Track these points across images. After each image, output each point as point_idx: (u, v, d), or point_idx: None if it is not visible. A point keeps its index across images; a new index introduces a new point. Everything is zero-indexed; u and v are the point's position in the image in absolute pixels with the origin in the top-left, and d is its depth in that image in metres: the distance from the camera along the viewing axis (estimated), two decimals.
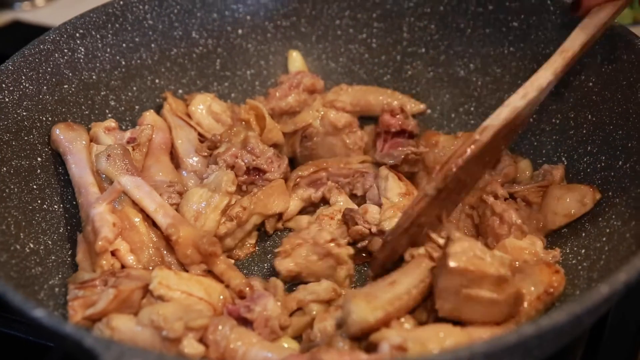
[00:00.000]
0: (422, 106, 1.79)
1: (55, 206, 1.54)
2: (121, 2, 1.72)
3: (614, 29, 1.52)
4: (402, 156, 1.60)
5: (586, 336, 1.41)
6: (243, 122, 1.66)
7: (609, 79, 1.54)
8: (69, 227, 1.53)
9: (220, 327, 1.29)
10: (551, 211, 1.49)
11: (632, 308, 1.46)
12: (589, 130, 1.57)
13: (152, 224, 1.47)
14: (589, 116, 1.58)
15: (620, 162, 1.47)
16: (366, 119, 1.77)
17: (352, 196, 1.64)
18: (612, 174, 1.48)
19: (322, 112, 1.68)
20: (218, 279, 1.43)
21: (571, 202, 1.47)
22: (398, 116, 1.67)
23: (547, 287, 1.32)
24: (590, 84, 1.58)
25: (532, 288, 1.31)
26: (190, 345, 1.25)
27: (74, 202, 1.54)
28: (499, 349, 0.99)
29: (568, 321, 1.01)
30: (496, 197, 1.52)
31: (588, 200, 1.45)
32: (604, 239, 1.38)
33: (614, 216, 1.42)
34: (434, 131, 1.74)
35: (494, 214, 1.49)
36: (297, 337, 1.39)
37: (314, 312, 1.41)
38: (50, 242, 1.49)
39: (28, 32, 2.12)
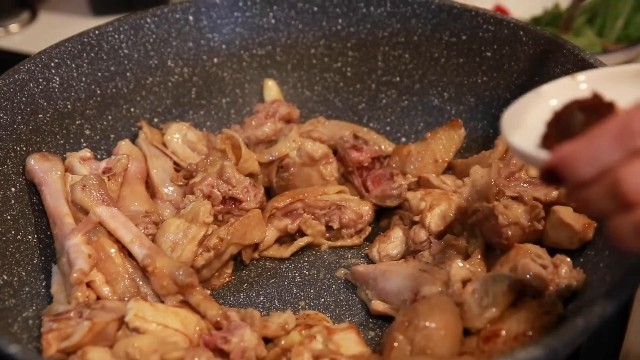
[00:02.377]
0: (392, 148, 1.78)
1: (30, 237, 1.53)
2: (96, 32, 1.72)
3: (585, 60, 1.54)
4: (403, 193, 1.62)
5: None
6: (219, 152, 1.66)
7: None
8: (43, 258, 1.52)
9: (196, 359, 1.28)
10: (545, 231, 1.48)
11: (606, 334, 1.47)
12: None
13: (128, 254, 1.47)
14: None
15: None
16: None
17: (328, 228, 1.64)
18: None
19: (298, 143, 1.69)
20: (194, 309, 1.42)
21: (561, 236, 1.45)
22: (364, 149, 1.68)
23: (528, 328, 1.27)
24: None
25: (513, 326, 1.29)
26: None
27: (49, 233, 1.53)
28: None
29: (545, 355, 1.02)
30: (500, 194, 1.51)
31: (575, 241, 1.44)
32: (578, 268, 1.39)
33: (587, 245, 1.43)
34: (402, 144, 1.76)
35: (497, 216, 1.46)
36: None
37: (283, 343, 1.40)
38: (24, 274, 1.47)
39: (2, 59, 2.11)
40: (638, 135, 0.92)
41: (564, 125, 1.04)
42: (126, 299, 1.42)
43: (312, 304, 1.53)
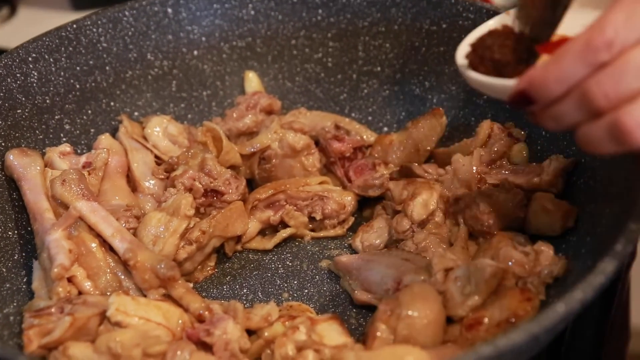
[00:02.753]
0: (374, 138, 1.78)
1: (10, 233, 1.52)
2: (74, 26, 1.71)
3: None
4: (385, 183, 1.62)
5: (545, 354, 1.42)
6: (200, 144, 1.65)
7: None
8: (24, 254, 1.51)
9: (179, 353, 1.27)
10: (526, 218, 1.48)
11: (589, 322, 1.48)
12: (543, 146, 1.59)
13: (109, 249, 1.46)
14: (543, 132, 1.59)
15: (574, 178, 1.49)
16: None
17: (311, 219, 1.64)
18: (567, 189, 1.49)
19: (280, 134, 1.68)
20: (177, 303, 1.41)
21: (543, 223, 1.45)
22: (346, 139, 1.68)
23: (511, 315, 1.27)
24: None
25: (496, 313, 1.28)
26: None
27: (29, 229, 1.52)
28: None
29: (525, 341, 1.02)
30: (482, 182, 1.52)
31: (556, 228, 1.43)
32: (560, 254, 1.39)
33: (569, 231, 1.43)
34: (384, 134, 1.76)
35: (479, 204, 1.47)
36: None
37: (266, 334, 1.40)
38: (4, 270, 1.46)
39: None
40: (599, 50, 1.01)
41: (480, 51, 1.23)
42: (108, 293, 1.41)
43: (295, 295, 1.53)
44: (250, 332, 1.40)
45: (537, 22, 1.22)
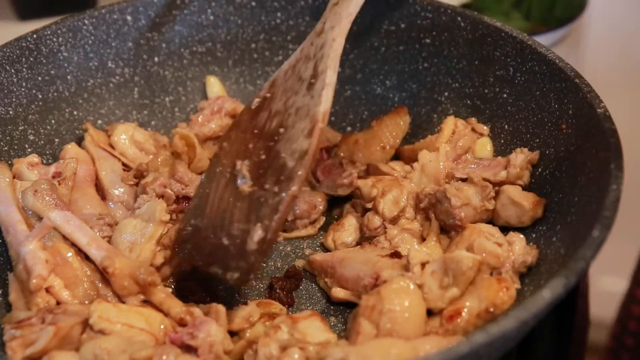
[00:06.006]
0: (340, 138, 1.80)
1: None
2: (34, 36, 1.69)
3: (524, 42, 1.59)
4: (354, 182, 1.63)
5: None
6: (171, 152, 1.65)
7: (523, 90, 1.60)
8: None
9: (164, 357, 1.27)
10: (495, 211, 1.52)
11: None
12: (506, 140, 1.63)
13: (85, 257, 1.45)
14: (506, 126, 1.64)
15: (539, 169, 1.53)
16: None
17: None
18: (533, 181, 1.54)
19: None
20: (157, 308, 1.41)
21: (511, 214, 1.49)
22: None
23: (489, 305, 1.30)
24: (505, 95, 1.64)
25: (475, 304, 1.31)
26: None
27: (1, 241, 1.51)
28: (453, 358, 1.02)
29: (516, 327, 1.05)
30: (449, 177, 1.56)
31: (525, 219, 1.48)
32: (531, 243, 1.43)
33: (538, 221, 1.47)
34: (348, 134, 1.79)
35: (449, 198, 1.50)
36: None
37: (248, 335, 1.41)
38: None
39: None
40: None
41: None
42: (86, 302, 1.41)
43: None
44: (231, 334, 1.41)
45: None
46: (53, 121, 1.73)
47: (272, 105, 1.52)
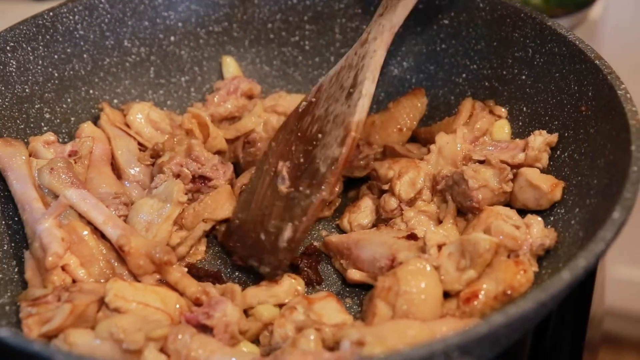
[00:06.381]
0: None
1: None
2: (51, 14, 1.69)
3: (543, 23, 1.57)
4: (370, 163, 1.63)
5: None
6: (183, 130, 1.65)
7: (542, 72, 1.59)
8: (13, 244, 1.49)
9: (180, 336, 1.27)
10: (513, 193, 1.50)
11: (573, 302, 1.51)
12: (524, 122, 1.62)
13: (101, 236, 1.45)
14: (524, 108, 1.62)
15: (558, 152, 1.52)
16: None
17: None
18: (551, 163, 1.52)
19: (264, 118, 1.69)
20: (172, 288, 1.41)
21: (529, 197, 1.48)
22: None
23: (507, 287, 1.29)
24: (524, 77, 1.63)
25: (492, 286, 1.30)
26: (152, 356, 1.24)
27: (17, 219, 1.50)
28: (471, 339, 1.01)
29: (534, 309, 1.04)
30: (467, 159, 1.55)
31: (543, 202, 1.46)
32: (549, 226, 1.42)
33: (556, 204, 1.46)
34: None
35: (467, 180, 1.49)
36: (253, 341, 1.40)
37: (264, 316, 1.41)
38: None
39: None
40: None
41: None
42: (102, 280, 1.41)
43: None
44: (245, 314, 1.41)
45: None
46: (69, 100, 1.72)
47: (315, 110, 1.55)
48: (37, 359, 1.04)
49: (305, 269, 1.52)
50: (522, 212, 1.47)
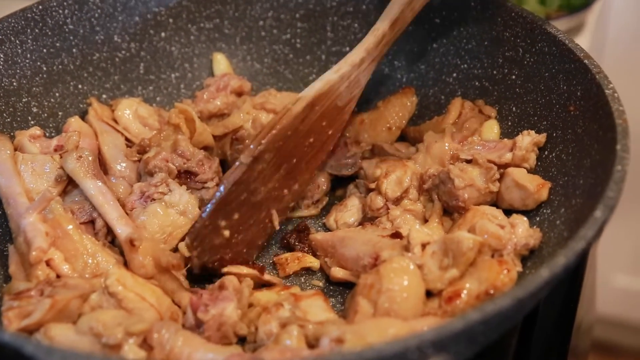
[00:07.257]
0: None
1: None
2: (40, 7, 1.68)
3: (534, 22, 1.57)
4: (358, 162, 1.62)
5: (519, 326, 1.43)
6: (171, 126, 1.64)
7: (532, 71, 1.58)
8: None
9: (164, 331, 1.27)
10: (499, 193, 1.50)
11: (561, 295, 1.50)
12: (514, 122, 1.61)
13: (86, 231, 1.45)
14: (514, 108, 1.62)
15: (545, 152, 1.51)
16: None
17: None
18: (539, 163, 1.52)
19: (253, 115, 1.68)
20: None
21: (516, 197, 1.47)
22: None
23: (490, 287, 1.28)
24: (513, 76, 1.62)
25: (475, 285, 1.30)
26: (132, 351, 1.23)
27: (1, 212, 1.50)
28: (446, 336, 1.00)
29: (512, 306, 1.03)
30: (454, 158, 1.54)
31: (529, 202, 1.46)
32: (535, 227, 1.41)
33: (542, 204, 1.45)
34: (354, 113, 1.74)
35: (453, 179, 1.48)
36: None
37: (262, 301, 1.41)
38: None
39: None
40: None
41: None
42: (87, 275, 1.40)
43: (272, 274, 1.53)
44: None
45: None
46: (57, 94, 1.71)
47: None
48: (8, 349, 1.04)
49: (297, 243, 1.53)
50: (509, 212, 1.46)
